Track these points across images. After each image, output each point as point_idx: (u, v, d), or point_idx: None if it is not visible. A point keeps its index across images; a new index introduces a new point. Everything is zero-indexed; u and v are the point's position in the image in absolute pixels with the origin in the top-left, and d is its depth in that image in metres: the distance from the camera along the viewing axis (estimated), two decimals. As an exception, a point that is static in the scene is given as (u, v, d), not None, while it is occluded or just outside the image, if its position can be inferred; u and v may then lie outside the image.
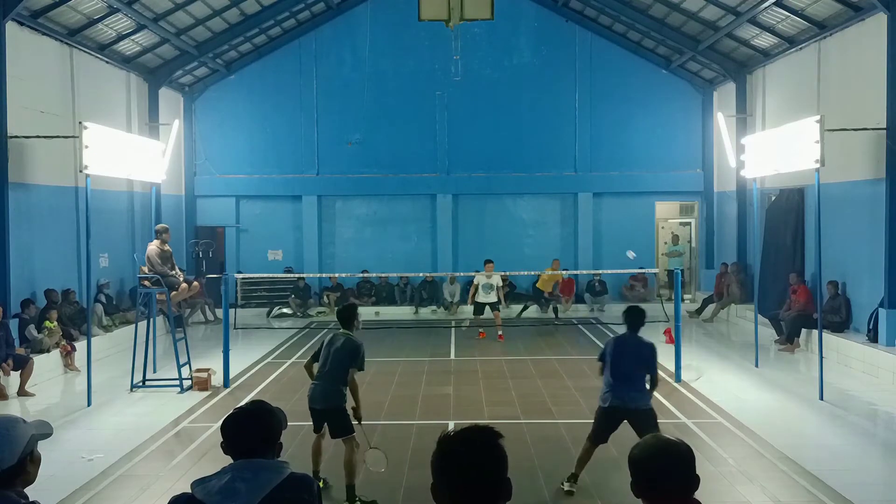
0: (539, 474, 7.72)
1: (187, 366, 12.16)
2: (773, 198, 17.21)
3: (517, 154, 21.27)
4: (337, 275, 20.16)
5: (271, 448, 2.89)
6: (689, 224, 22.53)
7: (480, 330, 16.56)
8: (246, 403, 3.05)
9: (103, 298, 15.61)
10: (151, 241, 12.62)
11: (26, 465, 2.68)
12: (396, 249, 21.23)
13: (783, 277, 16.17)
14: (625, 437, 9.17)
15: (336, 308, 9.63)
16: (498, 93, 21.21)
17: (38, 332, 12.89)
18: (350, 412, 7.38)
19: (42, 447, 2.80)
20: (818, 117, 11.16)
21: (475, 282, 16.82)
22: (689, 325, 17.87)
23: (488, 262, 16.64)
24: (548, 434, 9.30)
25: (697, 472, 2.49)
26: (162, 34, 16.91)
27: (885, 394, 11.30)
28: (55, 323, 13.24)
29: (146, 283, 12.18)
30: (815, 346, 12.42)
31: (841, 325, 13.83)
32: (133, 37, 16.53)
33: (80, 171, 11.11)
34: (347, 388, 7.36)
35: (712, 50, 18.57)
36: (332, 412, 7.31)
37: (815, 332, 12.22)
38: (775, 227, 16.75)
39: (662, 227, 22.63)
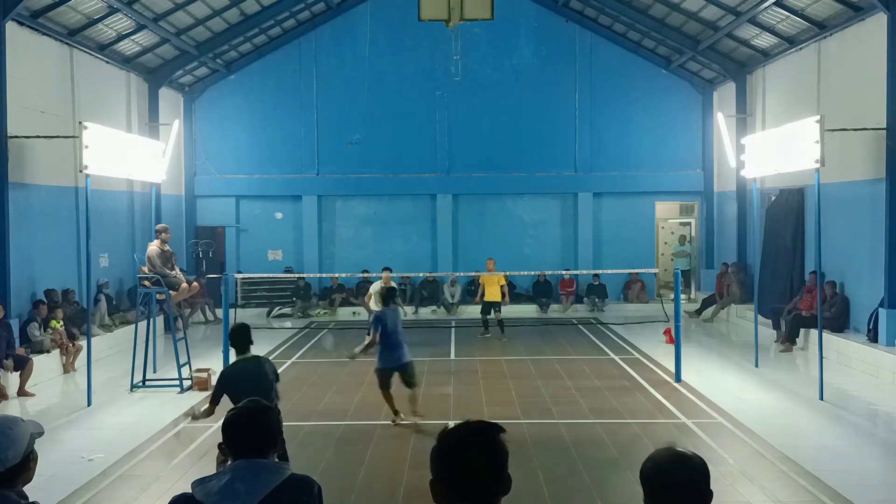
0: (539, 474, 7.72)
1: (187, 366, 12.16)
2: (773, 198, 17.21)
3: (517, 154, 21.25)
4: (337, 275, 20.17)
5: (273, 445, 2.90)
6: (689, 224, 22.53)
7: None
8: (244, 403, 3.05)
9: (104, 298, 15.61)
10: (152, 241, 12.62)
11: (28, 463, 2.72)
12: (397, 249, 21.21)
13: (783, 277, 16.18)
14: (625, 438, 9.20)
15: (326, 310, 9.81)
16: (498, 93, 21.19)
17: (44, 332, 12.90)
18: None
19: (42, 447, 2.84)
20: (818, 117, 11.16)
21: (370, 290, 15.66)
22: (689, 324, 17.88)
23: (386, 269, 15.53)
24: (548, 434, 9.30)
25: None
26: (162, 34, 16.91)
27: (885, 394, 11.30)
28: (61, 323, 13.26)
29: (146, 283, 12.19)
30: (814, 346, 12.41)
31: (839, 324, 13.82)
32: (133, 37, 16.52)
33: (80, 171, 11.11)
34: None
35: (712, 50, 18.57)
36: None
37: (815, 332, 12.22)
38: (775, 227, 16.75)
39: (662, 227, 22.64)
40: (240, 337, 6.55)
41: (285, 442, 2.98)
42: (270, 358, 14.16)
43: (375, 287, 15.97)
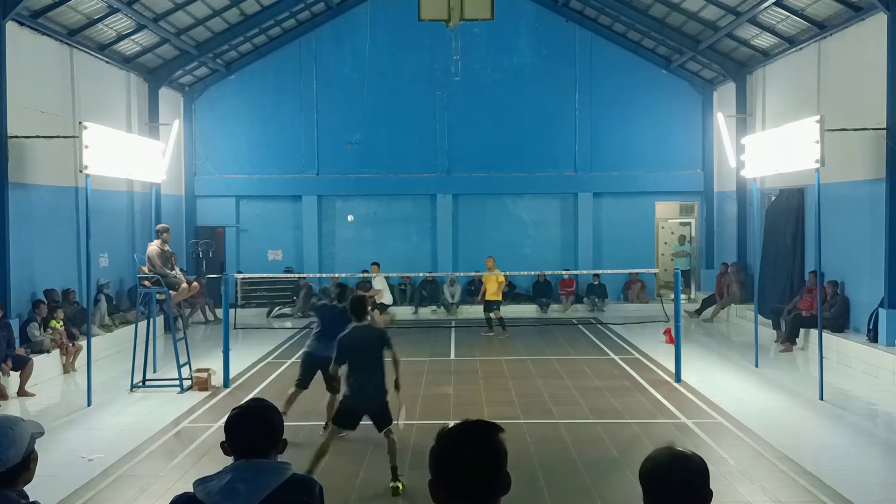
0: (539, 474, 7.72)
1: (187, 366, 12.16)
2: (773, 198, 17.21)
3: (517, 154, 21.26)
4: (337, 275, 20.14)
5: (275, 445, 2.89)
6: (689, 224, 22.54)
7: None
8: (247, 402, 3.06)
9: (104, 298, 15.60)
10: (152, 241, 12.62)
11: (29, 463, 2.73)
12: (397, 249, 21.22)
13: (783, 277, 16.18)
14: (625, 438, 9.19)
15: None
16: (498, 93, 21.20)
17: (44, 332, 12.89)
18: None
19: (42, 447, 2.84)
20: (818, 117, 11.16)
21: (375, 287, 17.63)
22: (689, 324, 17.88)
23: (374, 264, 17.16)
24: (548, 434, 9.30)
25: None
26: (162, 34, 16.91)
27: (885, 394, 11.30)
28: (61, 323, 13.25)
29: (146, 283, 12.18)
30: (814, 346, 12.41)
31: (839, 324, 13.81)
32: (133, 37, 16.52)
33: (80, 171, 11.10)
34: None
35: (712, 50, 18.57)
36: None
37: (815, 332, 12.22)
38: (775, 227, 16.75)
39: (662, 228, 22.64)
40: (359, 307, 7.71)
41: (286, 443, 2.97)
42: (270, 359, 14.35)
43: (381, 283, 16.29)
